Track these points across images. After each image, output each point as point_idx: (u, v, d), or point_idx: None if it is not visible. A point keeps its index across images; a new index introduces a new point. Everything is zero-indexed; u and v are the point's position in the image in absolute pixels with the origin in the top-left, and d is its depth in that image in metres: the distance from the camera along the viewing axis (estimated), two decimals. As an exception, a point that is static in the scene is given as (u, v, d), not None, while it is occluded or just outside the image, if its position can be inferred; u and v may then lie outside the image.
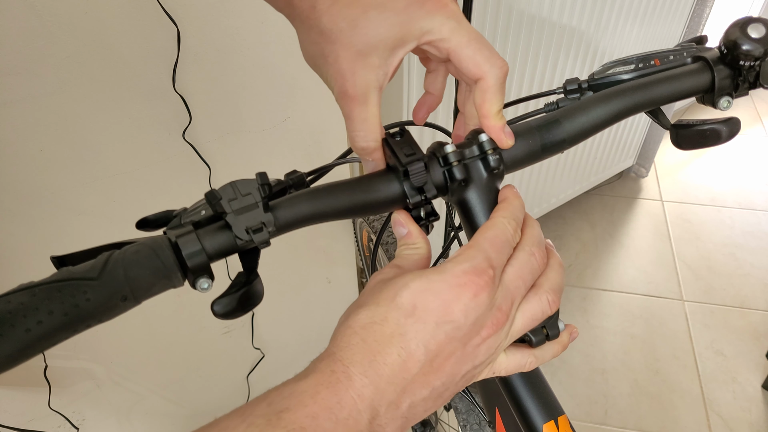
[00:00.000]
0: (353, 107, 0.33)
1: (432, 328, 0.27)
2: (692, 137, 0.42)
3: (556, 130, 0.38)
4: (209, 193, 0.29)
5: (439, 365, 0.28)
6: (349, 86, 0.32)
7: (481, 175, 0.35)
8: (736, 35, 0.39)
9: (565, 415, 0.38)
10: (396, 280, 0.29)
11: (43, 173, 0.76)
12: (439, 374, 0.28)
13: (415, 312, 0.28)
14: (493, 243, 0.30)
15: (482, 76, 0.34)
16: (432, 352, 0.27)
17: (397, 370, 0.27)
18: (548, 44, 1.36)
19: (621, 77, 0.42)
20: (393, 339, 0.27)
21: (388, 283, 0.29)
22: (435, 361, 0.28)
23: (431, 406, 0.29)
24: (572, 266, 1.93)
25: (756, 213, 2.12)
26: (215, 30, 0.79)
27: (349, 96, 0.32)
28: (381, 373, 0.27)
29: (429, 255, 0.34)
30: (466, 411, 0.71)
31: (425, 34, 0.33)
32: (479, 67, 0.33)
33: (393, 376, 0.27)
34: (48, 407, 0.95)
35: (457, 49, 0.33)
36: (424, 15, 0.32)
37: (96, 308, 0.25)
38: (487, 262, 0.29)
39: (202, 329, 1.15)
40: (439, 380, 0.28)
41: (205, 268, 0.28)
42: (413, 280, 0.29)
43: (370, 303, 0.29)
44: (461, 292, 0.28)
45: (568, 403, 1.56)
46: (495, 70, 0.34)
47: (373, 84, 0.33)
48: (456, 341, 0.28)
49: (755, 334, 1.71)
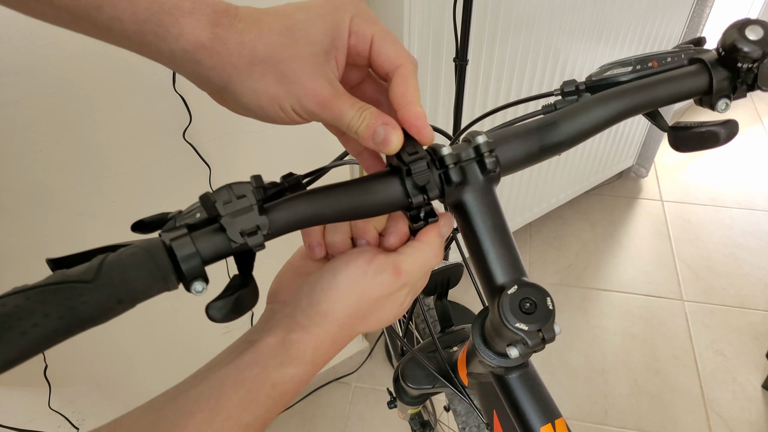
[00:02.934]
0: (338, 103, 0.32)
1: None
2: (690, 139, 0.42)
3: (554, 132, 0.38)
4: (204, 195, 0.29)
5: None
6: (320, 88, 0.31)
7: (477, 177, 0.35)
8: (734, 37, 0.39)
9: (562, 417, 0.38)
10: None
11: (43, 173, 0.76)
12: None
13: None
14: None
15: (402, 63, 0.33)
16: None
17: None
18: (547, 45, 1.36)
19: (619, 79, 0.42)
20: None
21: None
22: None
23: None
24: (572, 266, 1.93)
25: (756, 213, 2.11)
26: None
27: (328, 96, 0.31)
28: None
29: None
30: (465, 413, 0.71)
31: (354, 18, 0.32)
32: (399, 54, 0.33)
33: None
34: (48, 407, 0.95)
35: (380, 35, 0.33)
36: (348, 4, 0.32)
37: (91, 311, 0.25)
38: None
39: (202, 329, 1.15)
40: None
41: (199, 272, 0.28)
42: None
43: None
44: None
45: (567, 403, 1.56)
46: (411, 58, 0.34)
47: (334, 78, 0.32)
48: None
49: (755, 334, 1.71)
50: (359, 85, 0.37)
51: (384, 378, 1.62)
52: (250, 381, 0.30)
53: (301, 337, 0.32)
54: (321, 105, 0.31)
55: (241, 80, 0.31)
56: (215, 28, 0.30)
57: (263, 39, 0.30)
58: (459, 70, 1.06)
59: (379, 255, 0.34)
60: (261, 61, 0.30)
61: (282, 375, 0.31)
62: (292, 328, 0.32)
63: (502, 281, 0.35)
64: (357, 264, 0.34)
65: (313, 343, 0.32)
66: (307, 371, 0.32)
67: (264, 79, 0.31)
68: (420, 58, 1.12)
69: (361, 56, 0.34)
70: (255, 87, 0.31)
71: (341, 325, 0.33)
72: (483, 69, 1.27)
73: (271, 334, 0.32)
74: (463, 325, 0.72)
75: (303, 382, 0.33)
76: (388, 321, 0.36)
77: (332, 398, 1.58)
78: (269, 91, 0.31)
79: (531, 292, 0.34)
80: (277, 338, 0.32)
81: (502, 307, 0.33)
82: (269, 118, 0.32)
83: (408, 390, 0.70)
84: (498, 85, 1.34)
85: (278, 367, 0.31)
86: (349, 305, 0.33)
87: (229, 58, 0.30)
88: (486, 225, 0.36)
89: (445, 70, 1.18)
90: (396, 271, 0.34)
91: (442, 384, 0.63)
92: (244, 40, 0.30)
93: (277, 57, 0.30)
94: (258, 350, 0.31)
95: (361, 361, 1.65)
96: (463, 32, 1.01)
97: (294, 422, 1.52)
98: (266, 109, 0.31)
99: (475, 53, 1.22)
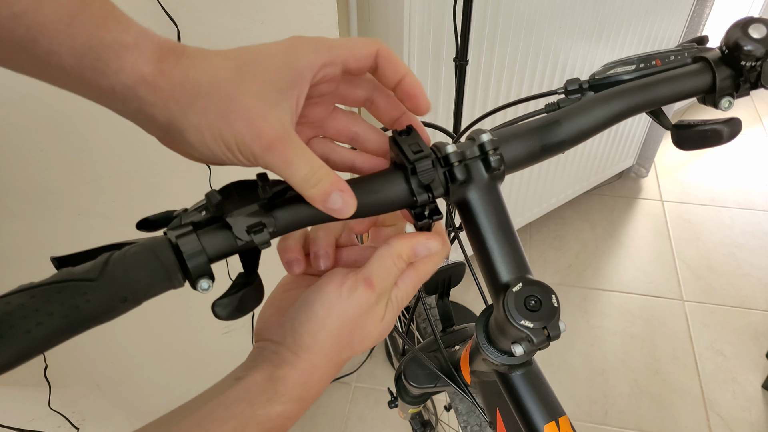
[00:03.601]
0: (287, 149, 0.29)
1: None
2: (693, 138, 0.42)
3: (557, 131, 0.38)
4: (210, 193, 0.29)
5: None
6: (266, 127, 0.28)
7: (482, 175, 0.35)
8: (737, 35, 0.39)
9: (566, 415, 0.38)
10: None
11: (43, 173, 0.76)
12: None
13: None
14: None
15: (378, 47, 0.33)
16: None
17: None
18: (548, 44, 1.36)
19: (622, 77, 0.42)
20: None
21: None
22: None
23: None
24: (572, 266, 1.93)
25: (756, 213, 2.12)
26: (215, 30, 0.79)
27: (275, 138, 0.29)
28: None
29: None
30: (466, 412, 0.71)
31: (317, 50, 0.30)
32: (370, 43, 0.33)
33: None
34: (48, 407, 0.95)
35: (345, 43, 0.32)
36: (305, 39, 0.31)
37: (96, 309, 0.25)
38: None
39: (202, 329, 1.15)
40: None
41: (205, 269, 0.28)
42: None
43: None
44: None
45: (568, 403, 1.56)
46: (380, 41, 0.34)
47: (286, 121, 0.30)
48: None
49: (755, 334, 1.71)
50: (324, 123, 0.37)
51: (384, 378, 1.62)
52: (236, 417, 0.30)
53: (288, 373, 0.31)
54: (266, 146, 0.28)
55: (184, 116, 0.28)
56: (159, 63, 0.28)
57: (209, 74, 0.29)
58: (459, 70, 1.06)
59: (348, 274, 0.34)
60: (205, 95, 0.28)
61: (268, 412, 0.30)
62: (278, 365, 0.32)
63: (507, 279, 0.35)
64: (329, 289, 0.33)
65: (301, 380, 0.32)
66: (294, 409, 0.32)
67: (207, 114, 0.28)
68: (420, 58, 1.12)
69: (333, 82, 0.33)
70: (198, 122, 0.28)
71: (327, 355, 0.33)
72: (483, 69, 1.27)
73: (258, 370, 0.32)
74: (465, 324, 0.72)
75: (291, 420, 0.32)
76: (373, 341, 0.35)
77: (332, 398, 1.58)
78: (212, 127, 0.28)
79: (536, 289, 0.34)
80: (264, 375, 0.31)
81: (507, 305, 0.33)
82: (217, 158, 0.30)
83: (410, 389, 0.70)
84: (498, 85, 1.34)
85: (265, 404, 0.30)
86: (332, 333, 0.32)
87: (171, 92, 0.28)
88: (491, 223, 0.36)
89: (445, 70, 1.18)
90: (368, 284, 0.33)
91: (444, 383, 0.63)
92: (188, 75, 0.28)
93: (222, 92, 0.28)
94: (245, 387, 0.31)
95: (361, 361, 1.65)
96: (463, 32, 1.01)
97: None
98: (211, 147, 0.29)
99: (475, 53, 1.22)
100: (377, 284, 0.33)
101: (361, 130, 0.37)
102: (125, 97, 0.28)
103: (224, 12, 0.78)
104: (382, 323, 0.34)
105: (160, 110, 0.29)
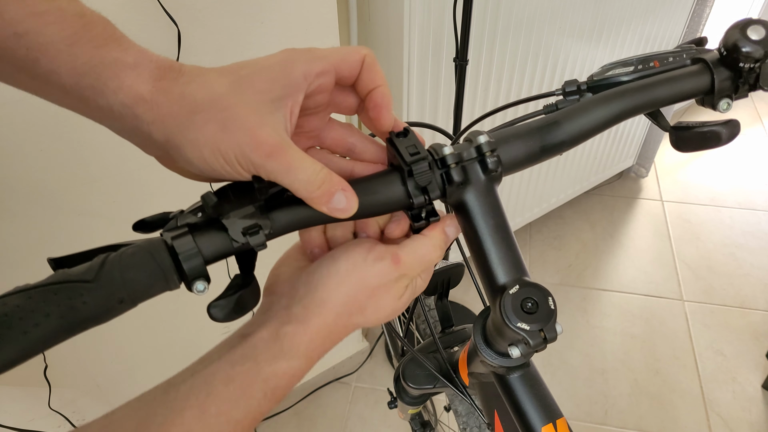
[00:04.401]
0: (287, 154, 0.29)
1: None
2: (692, 139, 0.42)
3: (555, 132, 0.38)
4: (206, 195, 0.29)
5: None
6: (266, 136, 0.29)
7: (479, 177, 0.35)
8: (736, 37, 0.38)
9: (563, 417, 0.38)
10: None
11: (43, 173, 0.76)
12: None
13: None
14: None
15: (364, 54, 0.33)
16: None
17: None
18: (548, 45, 1.36)
19: (620, 79, 0.42)
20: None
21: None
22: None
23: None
24: (572, 266, 1.93)
25: (756, 213, 2.12)
26: (215, 30, 0.79)
27: (276, 145, 0.29)
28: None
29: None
30: (465, 413, 0.71)
31: (310, 61, 0.31)
32: (355, 50, 0.33)
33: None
34: (48, 407, 0.95)
35: (337, 53, 0.32)
36: (297, 52, 0.31)
37: (92, 310, 0.25)
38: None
39: (202, 329, 1.15)
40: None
41: (201, 271, 0.28)
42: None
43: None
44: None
45: (567, 403, 1.56)
46: (367, 49, 0.34)
47: (282, 129, 0.30)
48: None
49: (755, 334, 1.71)
50: (320, 134, 0.37)
51: (384, 378, 1.62)
52: (241, 376, 0.30)
53: (296, 329, 0.31)
54: (267, 154, 0.28)
55: (182, 131, 0.29)
56: (157, 82, 0.29)
57: (205, 89, 0.29)
58: (459, 70, 1.06)
59: (379, 244, 0.34)
60: (202, 110, 0.29)
61: (274, 369, 0.30)
62: (286, 320, 0.32)
63: (504, 281, 0.35)
64: (357, 251, 0.34)
65: (308, 336, 0.32)
66: (300, 365, 0.32)
67: (205, 128, 0.28)
68: (420, 58, 1.12)
69: (327, 92, 0.33)
70: (196, 137, 0.28)
71: (338, 314, 0.33)
72: (483, 69, 1.27)
73: (265, 327, 0.31)
74: (464, 325, 0.72)
75: (296, 377, 0.32)
76: (386, 315, 0.35)
77: (332, 398, 1.58)
78: (211, 141, 0.28)
79: (533, 291, 0.34)
80: (270, 331, 0.31)
81: (503, 307, 0.33)
82: (216, 173, 0.30)
83: (409, 390, 0.70)
84: (498, 85, 1.34)
85: (270, 361, 0.30)
86: (347, 293, 0.33)
87: (169, 109, 0.29)
88: (488, 225, 0.36)
89: (445, 70, 1.18)
90: (395, 259, 0.34)
91: (443, 384, 0.63)
92: (185, 91, 0.29)
93: (219, 105, 0.29)
94: (250, 344, 0.31)
95: (361, 361, 1.65)
96: (463, 32, 1.01)
97: (294, 422, 1.52)
98: (210, 161, 0.29)
99: (475, 53, 1.22)
100: (404, 262, 0.34)
101: (358, 141, 0.37)
102: (123, 116, 0.29)
103: (224, 12, 0.78)
104: (399, 301, 0.35)
105: (158, 128, 0.29)
